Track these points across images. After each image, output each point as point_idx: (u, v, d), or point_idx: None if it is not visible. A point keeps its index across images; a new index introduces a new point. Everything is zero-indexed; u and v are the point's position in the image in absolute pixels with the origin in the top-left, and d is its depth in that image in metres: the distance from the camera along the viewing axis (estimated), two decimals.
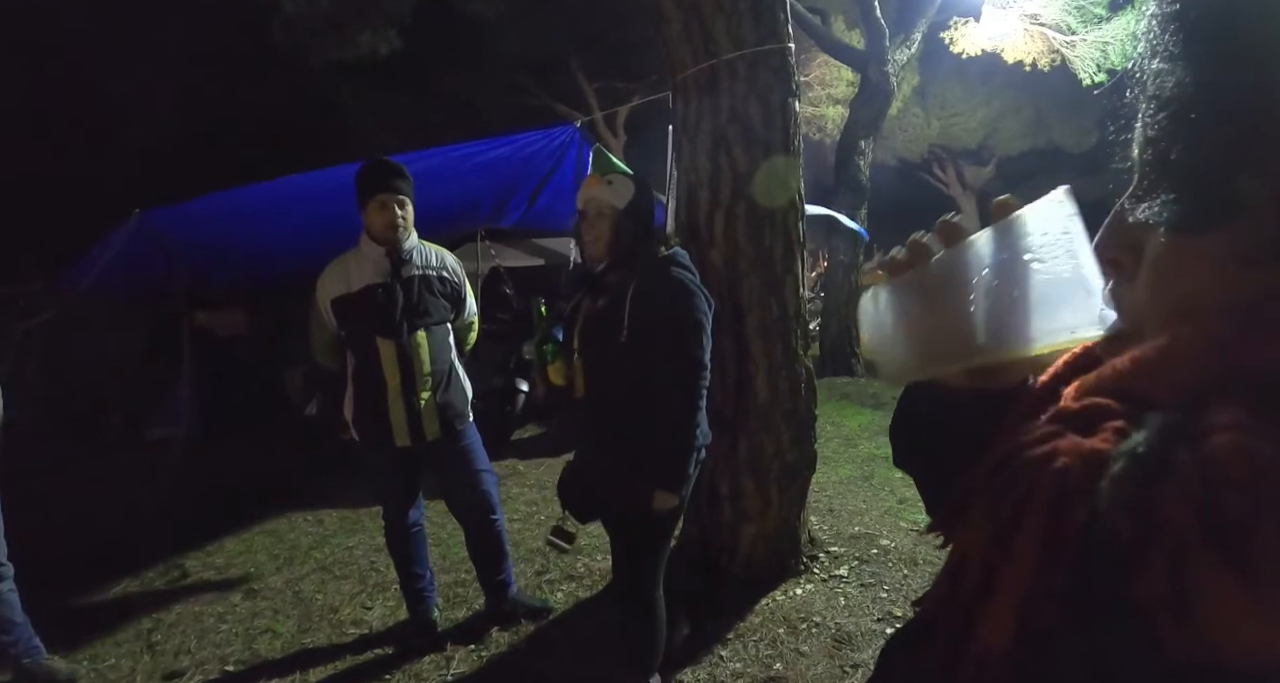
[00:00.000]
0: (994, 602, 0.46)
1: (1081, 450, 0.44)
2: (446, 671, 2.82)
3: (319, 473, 5.26)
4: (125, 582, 3.87)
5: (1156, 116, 0.45)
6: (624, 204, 2.15)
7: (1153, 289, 0.47)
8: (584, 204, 2.17)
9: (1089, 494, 0.42)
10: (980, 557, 0.48)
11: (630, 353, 2.09)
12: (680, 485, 2.13)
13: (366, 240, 2.76)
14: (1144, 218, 0.46)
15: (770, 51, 3.04)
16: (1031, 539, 0.44)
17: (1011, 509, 0.46)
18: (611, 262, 2.18)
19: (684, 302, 2.12)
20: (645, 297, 2.10)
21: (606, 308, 2.16)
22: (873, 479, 4.99)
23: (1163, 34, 0.44)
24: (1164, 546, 0.38)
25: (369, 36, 8.71)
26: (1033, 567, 0.43)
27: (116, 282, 5.38)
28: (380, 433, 2.76)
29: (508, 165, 4.39)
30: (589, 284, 2.24)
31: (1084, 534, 0.41)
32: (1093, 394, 0.49)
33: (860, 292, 9.17)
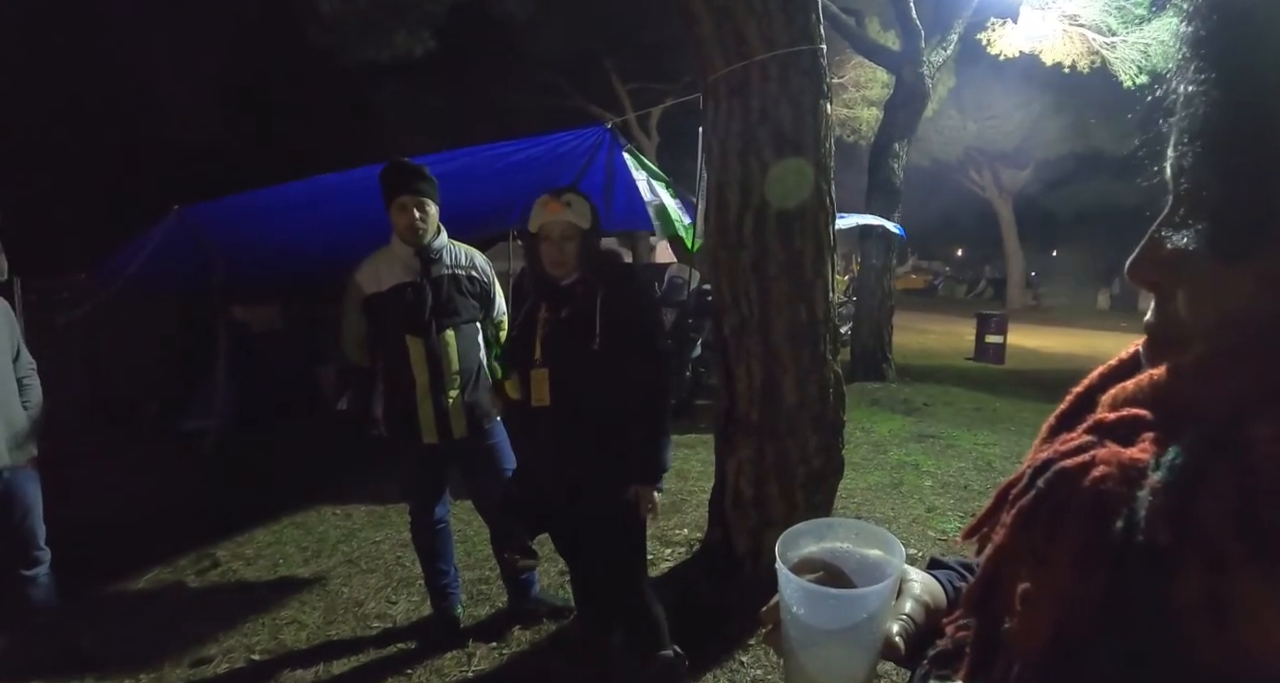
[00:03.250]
0: (1028, 608, 0.47)
1: (1121, 460, 0.45)
2: (468, 667, 2.84)
3: (349, 468, 5.33)
4: (157, 569, 3.95)
5: (1188, 146, 0.45)
6: (588, 224, 2.28)
7: (1192, 310, 0.47)
8: (548, 227, 2.25)
9: (1127, 503, 0.42)
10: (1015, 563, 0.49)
11: (601, 359, 2.20)
12: (661, 479, 2.29)
13: (397, 240, 2.80)
14: (1181, 245, 0.46)
15: (802, 52, 3.01)
16: (1068, 546, 0.44)
17: (1048, 517, 0.46)
18: (581, 275, 2.29)
19: (647, 307, 2.35)
20: (613, 305, 2.23)
21: (572, 317, 2.26)
22: (902, 487, 4.93)
23: (1189, 61, 0.45)
24: (1203, 554, 0.38)
25: (404, 37, 8.82)
26: (1069, 574, 0.44)
27: (155, 276, 5.49)
28: (408, 430, 2.79)
29: (539, 166, 4.40)
30: (548, 295, 2.31)
31: (1122, 542, 0.42)
32: (1129, 405, 0.49)
33: (892, 296, 9.11)
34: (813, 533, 0.66)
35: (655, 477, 2.26)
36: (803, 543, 0.66)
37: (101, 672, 2.92)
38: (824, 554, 0.65)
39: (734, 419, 3.14)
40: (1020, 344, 13.03)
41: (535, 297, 2.35)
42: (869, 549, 0.64)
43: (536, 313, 2.32)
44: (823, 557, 0.65)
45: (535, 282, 2.34)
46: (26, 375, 2.90)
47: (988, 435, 6.43)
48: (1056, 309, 23.47)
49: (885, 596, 0.59)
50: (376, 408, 2.91)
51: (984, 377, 9.96)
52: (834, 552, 0.65)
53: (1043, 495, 0.48)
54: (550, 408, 2.26)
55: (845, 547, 0.65)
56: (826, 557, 0.65)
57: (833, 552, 0.65)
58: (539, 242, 2.27)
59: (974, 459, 5.65)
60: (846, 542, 0.66)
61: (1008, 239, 23.24)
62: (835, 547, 0.65)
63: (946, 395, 8.25)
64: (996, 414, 7.51)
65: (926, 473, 5.28)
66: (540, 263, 2.30)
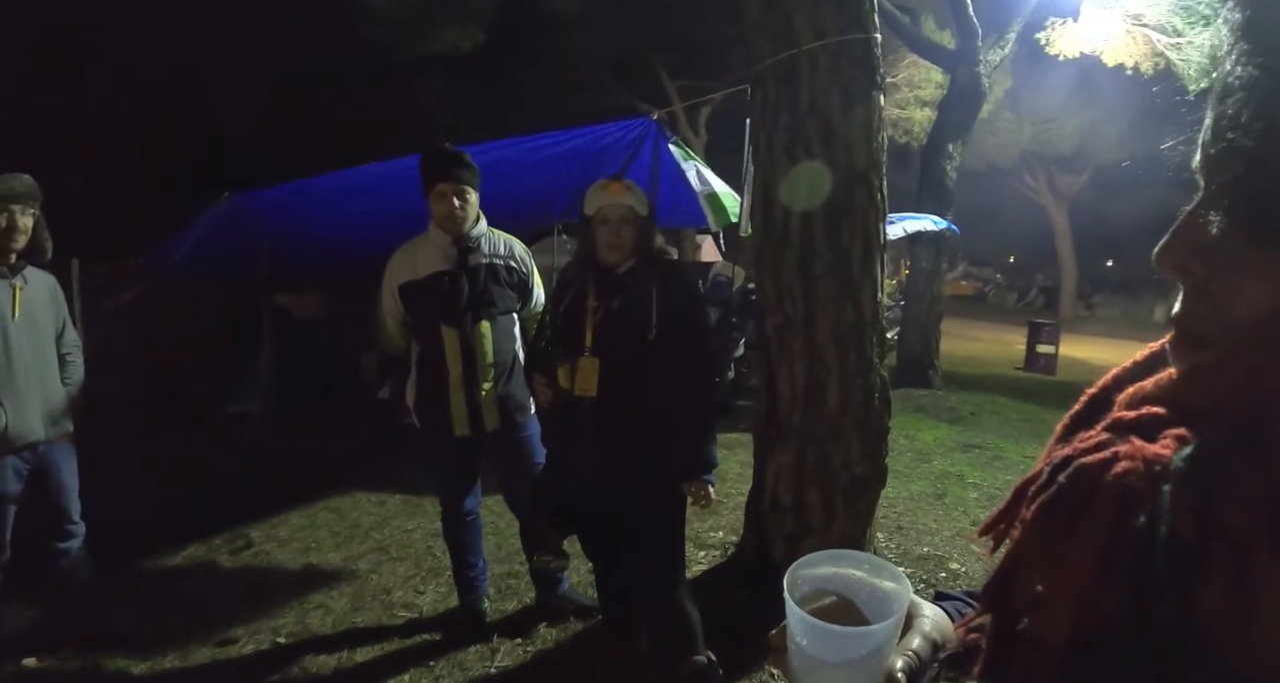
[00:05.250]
0: (1048, 604, 0.47)
1: (1144, 455, 0.45)
2: (491, 663, 2.80)
3: (386, 455, 5.36)
4: (193, 547, 4.01)
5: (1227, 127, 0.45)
6: (646, 211, 2.26)
7: (1224, 299, 0.46)
8: (606, 210, 2.22)
9: (1151, 499, 0.42)
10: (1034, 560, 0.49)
11: (654, 351, 2.17)
12: (712, 472, 2.26)
13: (435, 228, 2.75)
14: (1216, 229, 0.45)
15: (853, 42, 2.90)
16: (1089, 542, 0.44)
17: (1069, 513, 0.46)
18: (636, 264, 2.25)
19: (697, 301, 2.34)
20: (667, 296, 2.21)
21: (625, 308, 2.21)
22: (945, 498, 4.77)
23: (1233, 42, 0.45)
24: (1227, 549, 0.38)
25: (453, 32, 8.87)
26: (1090, 570, 0.44)
27: (204, 261, 5.59)
28: (440, 421, 2.76)
29: (583, 158, 4.35)
30: (600, 283, 2.26)
31: (1145, 538, 0.42)
32: (1148, 404, 0.49)
33: (941, 301, 8.88)
34: (827, 560, 0.67)
35: (707, 470, 2.23)
36: (816, 569, 0.67)
37: (129, 648, 2.96)
38: (838, 582, 0.66)
39: (775, 422, 3.04)
40: (1072, 355, 12.63)
41: (582, 283, 2.29)
42: (883, 581, 0.65)
43: (584, 301, 2.26)
44: (836, 584, 0.66)
45: (586, 267, 2.28)
46: (70, 352, 2.94)
47: (1036, 448, 6.08)
48: (1110, 320, 22.76)
49: (888, 634, 0.60)
50: (409, 397, 2.88)
51: (1034, 387, 9.66)
52: (847, 580, 0.66)
53: (1063, 492, 0.48)
54: (596, 399, 2.20)
55: (859, 576, 0.66)
56: (839, 585, 0.66)
57: (846, 580, 0.66)
58: (595, 225, 2.23)
59: (1021, 472, 5.22)
60: (860, 571, 0.66)
61: (1061, 247, 22.56)
62: (850, 575, 0.66)
63: (994, 405, 8.00)
64: (1046, 427, 7.14)
65: (971, 484, 5.11)
66: (595, 248, 2.25)
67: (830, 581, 0.66)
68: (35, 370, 2.72)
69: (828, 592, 0.65)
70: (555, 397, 2.30)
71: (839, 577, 0.66)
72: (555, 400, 2.31)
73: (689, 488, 2.24)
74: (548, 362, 2.30)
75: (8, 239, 2.62)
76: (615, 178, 2.26)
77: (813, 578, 0.66)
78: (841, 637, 0.58)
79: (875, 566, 0.66)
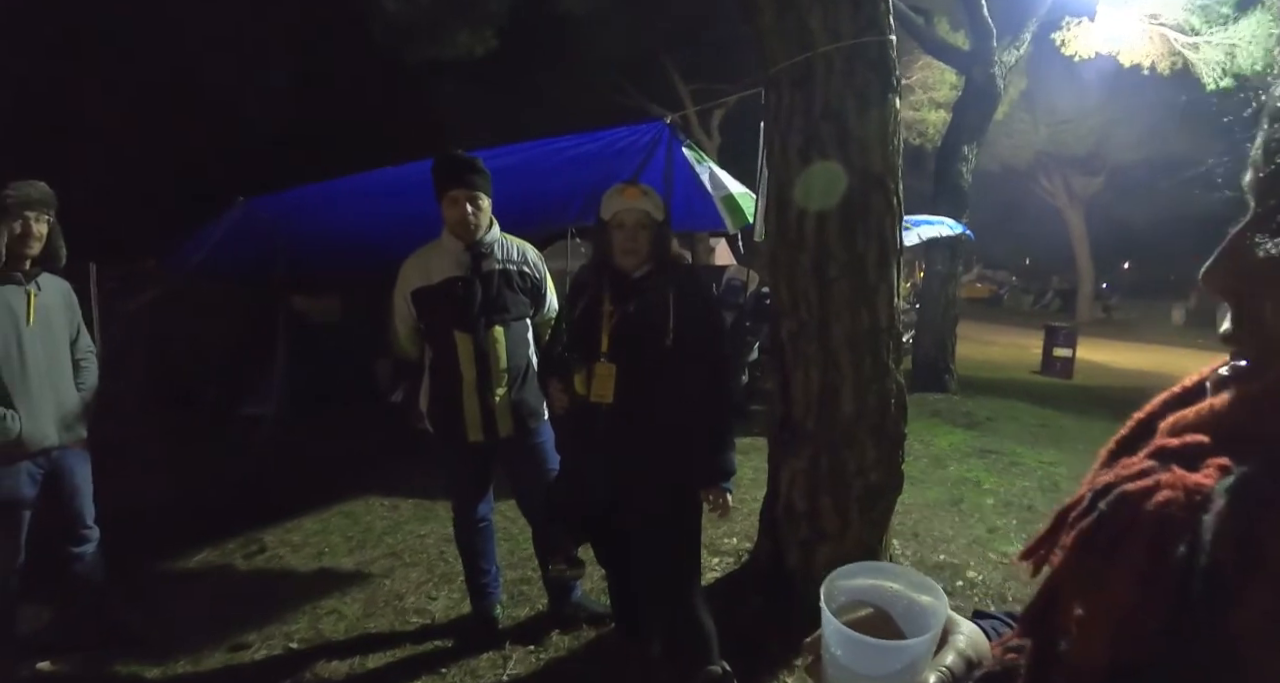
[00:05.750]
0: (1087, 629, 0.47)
1: (1185, 484, 0.45)
2: (503, 670, 2.78)
3: (399, 460, 5.36)
4: (206, 551, 4.02)
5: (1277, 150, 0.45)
6: (662, 216, 2.26)
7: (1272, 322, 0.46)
8: (621, 215, 2.22)
9: (1191, 528, 0.42)
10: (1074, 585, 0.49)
11: (671, 356, 2.17)
12: (730, 480, 2.26)
13: (447, 233, 2.75)
14: (1264, 252, 0.45)
15: (869, 44, 2.87)
16: (1129, 570, 0.44)
17: (1109, 540, 0.46)
18: (652, 269, 2.25)
19: (714, 306, 2.38)
20: (684, 301, 2.21)
21: (642, 312, 2.20)
22: (962, 504, 4.71)
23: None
24: (1268, 580, 0.38)
25: (466, 36, 8.89)
26: (1129, 597, 0.44)
27: (220, 264, 5.61)
28: (454, 426, 2.75)
29: (596, 162, 4.34)
30: (615, 288, 2.26)
31: (1184, 567, 0.42)
32: (1191, 431, 0.49)
33: (956, 304, 8.81)
34: (864, 572, 0.67)
35: (725, 477, 2.24)
36: (853, 580, 0.67)
37: (141, 652, 2.96)
38: (875, 594, 0.66)
39: (789, 427, 3.01)
40: (1089, 359, 12.50)
41: (597, 288, 2.28)
42: (920, 595, 0.65)
43: (599, 306, 2.25)
44: (873, 596, 0.66)
45: (601, 272, 2.27)
46: (84, 358, 2.95)
47: (1053, 454, 6.14)
48: (1128, 323, 22.51)
49: (924, 649, 0.60)
50: (422, 402, 2.87)
51: (1050, 392, 9.56)
52: (884, 593, 0.66)
53: (1104, 519, 0.48)
54: (612, 405, 2.19)
55: (897, 589, 0.66)
56: (876, 597, 0.66)
57: (883, 593, 0.66)
58: (611, 230, 2.22)
59: (1039, 479, 5.39)
60: (898, 584, 0.66)
61: (1078, 249, 22.38)
62: (887, 587, 0.66)
63: (1011, 410, 7.92)
64: (1063, 432, 7.17)
65: (988, 491, 5.05)
66: (611, 252, 2.24)
67: (867, 592, 0.66)
68: (49, 376, 2.74)
69: (864, 603, 0.65)
70: (571, 403, 2.28)
71: (876, 589, 0.66)
72: (571, 406, 2.29)
73: (706, 496, 2.23)
74: (564, 367, 2.28)
75: (23, 245, 2.63)
76: (631, 182, 2.26)
77: (850, 589, 0.66)
78: (877, 650, 0.59)
79: (913, 579, 0.66)
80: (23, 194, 2.62)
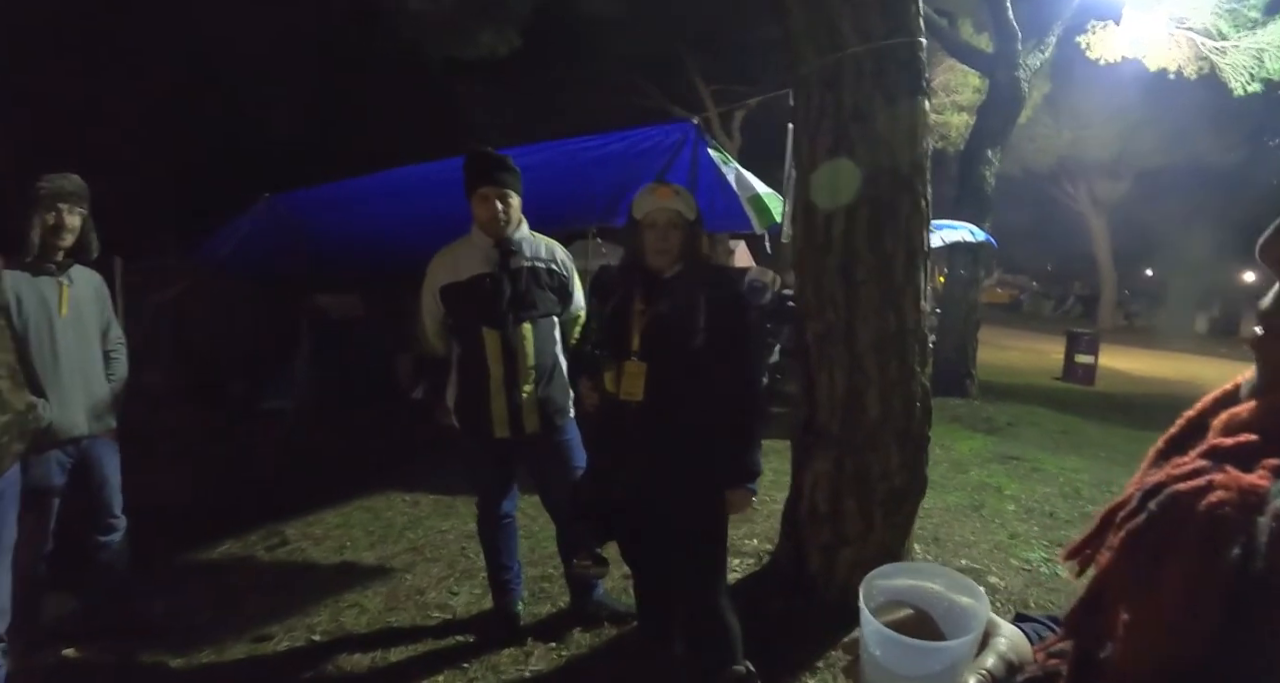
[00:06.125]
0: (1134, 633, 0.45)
1: (1240, 485, 0.43)
2: (525, 666, 2.79)
3: (420, 456, 5.39)
4: (228, 543, 4.05)
5: None
6: (694, 215, 2.25)
7: None
8: (654, 214, 2.22)
9: (1245, 530, 0.42)
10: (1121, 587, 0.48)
11: (701, 356, 2.17)
12: (756, 481, 2.28)
13: (477, 230, 2.76)
14: None
15: (899, 46, 2.86)
16: (1179, 572, 0.43)
17: (1160, 541, 0.46)
18: (683, 269, 2.25)
19: (744, 308, 2.38)
20: (714, 302, 2.21)
21: (673, 313, 2.20)
22: (983, 509, 4.68)
23: None
24: None
25: (490, 35, 8.93)
26: (1178, 600, 0.43)
27: (243, 260, 5.67)
28: (480, 422, 2.76)
29: (621, 162, 4.35)
30: (646, 287, 2.26)
31: (1237, 570, 0.41)
32: (1244, 430, 0.48)
33: (978, 309, 8.74)
34: (903, 572, 0.67)
35: (750, 478, 2.25)
36: (892, 581, 0.66)
37: (165, 641, 2.99)
38: (914, 594, 0.66)
39: (813, 430, 3.00)
40: (1111, 366, 12.39)
41: (628, 287, 2.29)
42: (960, 596, 0.64)
43: (629, 305, 2.26)
44: (912, 597, 0.65)
45: (632, 272, 2.28)
46: (114, 350, 2.99)
47: (1075, 461, 6.08)
48: (1150, 331, 22.27)
49: (965, 651, 0.59)
50: (449, 398, 2.89)
51: (1072, 398, 9.48)
52: (924, 593, 0.66)
53: (1154, 519, 0.47)
54: (642, 403, 2.20)
55: (937, 589, 0.65)
56: (915, 598, 0.65)
57: (923, 593, 0.66)
58: (643, 229, 2.22)
59: (1060, 485, 5.34)
60: (937, 585, 0.66)
61: (1100, 254, 22.16)
62: (926, 588, 0.66)
63: (1032, 416, 7.86)
64: (1085, 439, 7.11)
65: (1009, 497, 5.01)
66: (642, 252, 2.25)
67: (906, 593, 0.66)
68: (81, 366, 2.77)
69: (903, 604, 0.65)
70: (601, 400, 2.29)
71: (915, 589, 0.66)
72: (601, 404, 2.30)
73: (730, 496, 2.24)
74: (594, 365, 2.29)
75: (55, 237, 2.65)
76: (664, 182, 2.26)
77: (888, 589, 0.66)
78: (918, 651, 0.58)
79: (953, 580, 0.65)
80: (56, 186, 2.65)
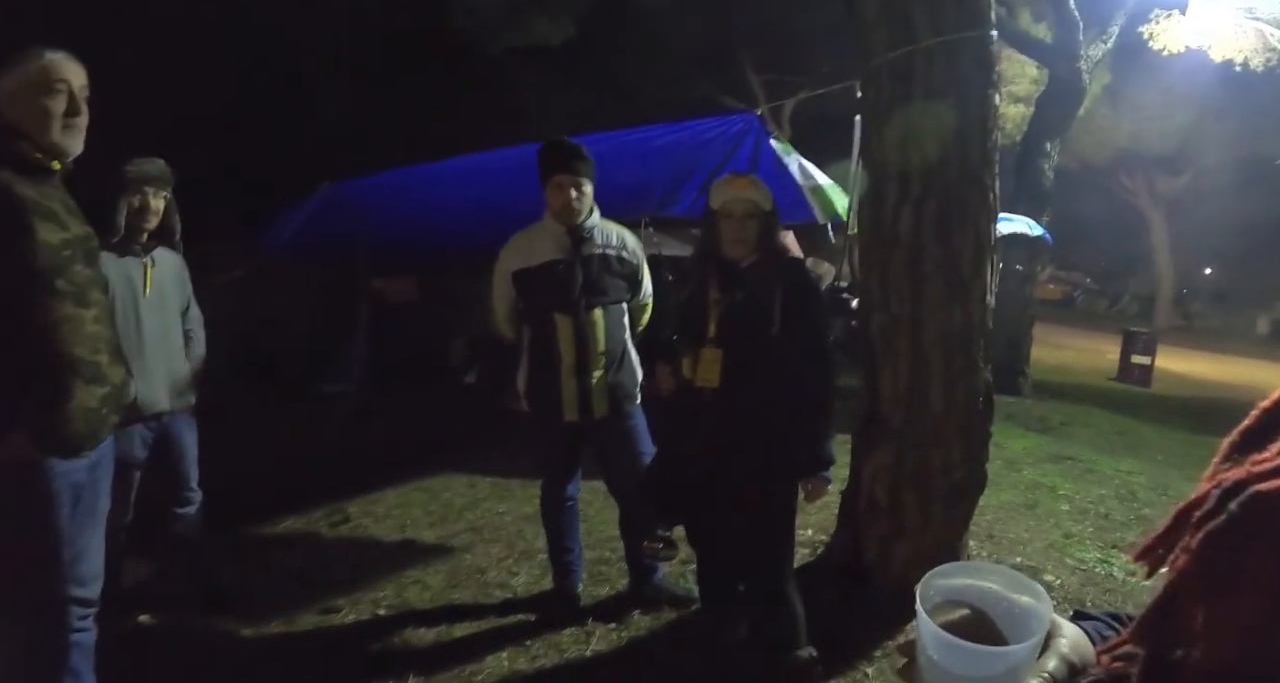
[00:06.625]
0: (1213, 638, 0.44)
1: None
2: (586, 645, 2.85)
3: (474, 439, 5.50)
4: (291, 519, 4.19)
5: None
6: (770, 206, 2.30)
7: None
8: (731, 205, 2.26)
9: None
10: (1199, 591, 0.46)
11: (777, 344, 2.21)
12: (830, 469, 2.34)
13: (549, 217, 2.81)
14: None
15: (971, 39, 2.84)
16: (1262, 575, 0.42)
17: (1242, 542, 0.44)
18: (760, 258, 2.29)
19: (819, 298, 2.42)
20: (790, 291, 2.25)
21: (749, 301, 2.25)
22: (1036, 508, 4.63)
23: None
24: None
25: (545, 24, 9.00)
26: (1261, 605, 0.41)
27: (303, 246, 5.82)
28: (550, 407, 2.82)
29: (681, 152, 4.37)
30: (722, 277, 2.30)
31: None
32: None
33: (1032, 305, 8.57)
34: (961, 571, 0.66)
35: (824, 466, 2.31)
36: (949, 580, 0.65)
37: (238, 611, 3.09)
38: (972, 594, 0.64)
39: (875, 422, 3.01)
40: (1168, 367, 12.05)
41: (703, 276, 2.34)
42: (1019, 596, 0.63)
43: (705, 294, 2.31)
44: (970, 596, 0.64)
45: (708, 261, 2.32)
46: (193, 329, 3.09)
47: (1131, 463, 5.96)
48: (1209, 332, 21.59)
49: (1027, 655, 0.57)
50: (519, 382, 2.96)
51: (1127, 399, 9.27)
52: (983, 593, 0.64)
53: (1235, 520, 0.45)
54: (717, 389, 2.24)
55: (996, 589, 0.64)
56: (974, 597, 0.64)
57: (981, 593, 0.64)
58: (720, 219, 2.27)
59: (1115, 487, 5.25)
60: (996, 584, 0.64)
61: (1158, 252, 21.48)
62: (985, 587, 0.64)
63: (1086, 416, 7.71)
64: (1141, 441, 6.97)
65: (1063, 496, 4.94)
66: (718, 242, 2.29)
67: (964, 592, 0.65)
68: (163, 345, 2.87)
69: (961, 603, 0.64)
70: (676, 385, 2.35)
71: (973, 589, 0.65)
72: (676, 389, 2.36)
73: (805, 484, 2.29)
74: (672, 351, 2.35)
75: (141, 220, 2.73)
76: (741, 174, 2.30)
77: (945, 588, 0.65)
78: (978, 655, 0.57)
79: (1012, 579, 0.64)
80: (142, 171, 2.73)
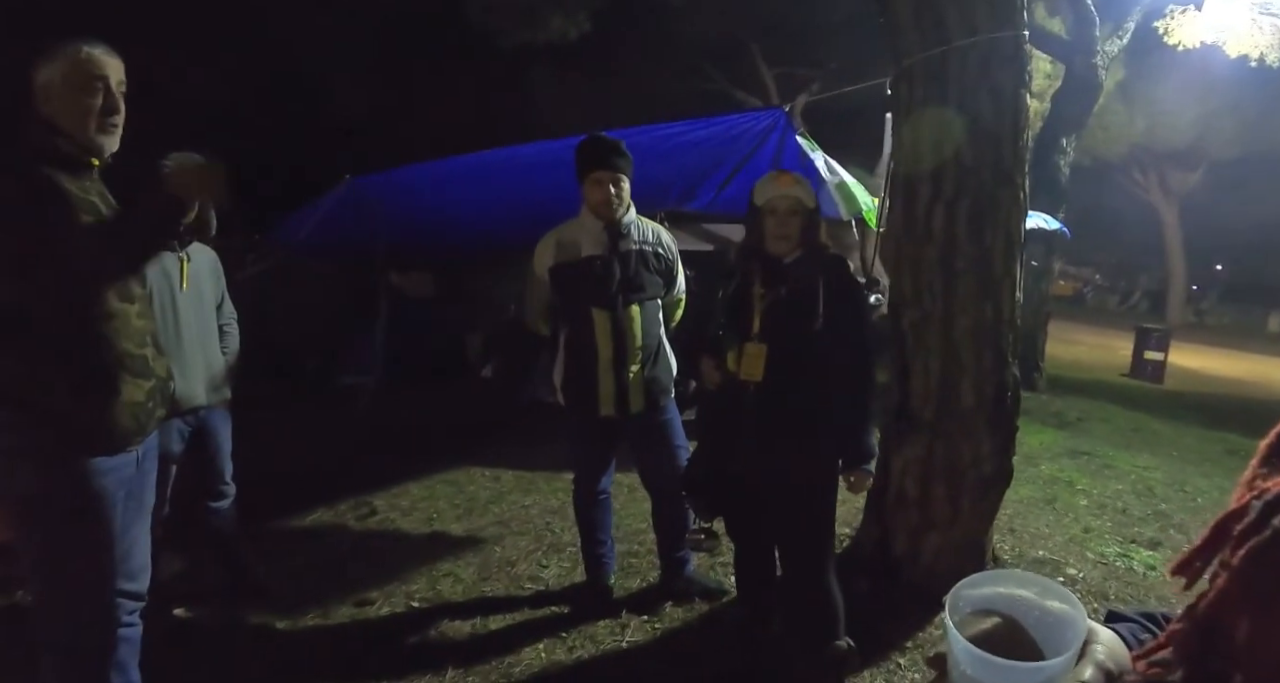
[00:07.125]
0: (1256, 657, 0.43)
1: None
2: (621, 637, 2.89)
3: (494, 432, 5.53)
4: (319, 512, 4.20)
5: None
6: (813, 203, 2.35)
7: None
8: (775, 201, 2.30)
9: None
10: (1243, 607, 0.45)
11: (820, 339, 2.25)
12: (871, 462, 2.38)
13: (587, 212, 2.83)
14: None
15: (1004, 39, 2.87)
16: None
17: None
18: (803, 254, 2.33)
19: (861, 294, 2.47)
20: (833, 287, 2.28)
21: (793, 296, 2.27)
22: (1055, 503, 4.66)
23: None
24: None
25: (560, 19, 9.00)
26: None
27: (323, 240, 5.85)
28: (586, 401, 2.85)
29: (707, 147, 4.38)
30: (766, 272, 2.33)
31: None
32: None
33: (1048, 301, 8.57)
34: (990, 580, 0.64)
35: (866, 459, 2.35)
36: (979, 590, 0.64)
37: (273, 603, 3.10)
38: (1003, 602, 0.63)
39: (906, 416, 3.05)
40: (1180, 364, 12.02)
41: (747, 271, 2.37)
42: (1051, 602, 0.61)
43: (749, 289, 2.34)
44: (1001, 605, 0.63)
45: (752, 257, 2.36)
46: (227, 323, 3.11)
47: (1147, 459, 5.99)
48: (1221, 329, 21.49)
49: (1062, 668, 0.55)
50: (556, 377, 2.99)
51: (1141, 395, 9.26)
52: (1014, 600, 0.63)
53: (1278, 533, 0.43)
54: (761, 384, 2.28)
55: (1027, 597, 0.62)
56: (1004, 605, 0.62)
57: (1012, 600, 0.63)
58: (764, 215, 2.30)
59: (1132, 482, 5.28)
60: (1027, 592, 0.63)
61: (1171, 248, 21.36)
62: (1016, 595, 0.63)
63: (1102, 412, 7.73)
64: (1156, 437, 6.97)
65: (1081, 492, 4.98)
66: (763, 238, 2.32)
67: (994, 601, 0.63)
68: (200, 340, 2.87)
69: (992, 612, 0.63)
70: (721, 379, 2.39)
71: (1004, 597, 0.63)
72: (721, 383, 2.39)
73: (847, 478, 2.33)
74: (717, 346, 2.38)
75: None
76: (785, 171, 2.33)
77: (975, 598, 0.63)
78: (1012, 671, 0.55)
79: (1043, 587, 0.63)
80: (179, 165, 2.78)
